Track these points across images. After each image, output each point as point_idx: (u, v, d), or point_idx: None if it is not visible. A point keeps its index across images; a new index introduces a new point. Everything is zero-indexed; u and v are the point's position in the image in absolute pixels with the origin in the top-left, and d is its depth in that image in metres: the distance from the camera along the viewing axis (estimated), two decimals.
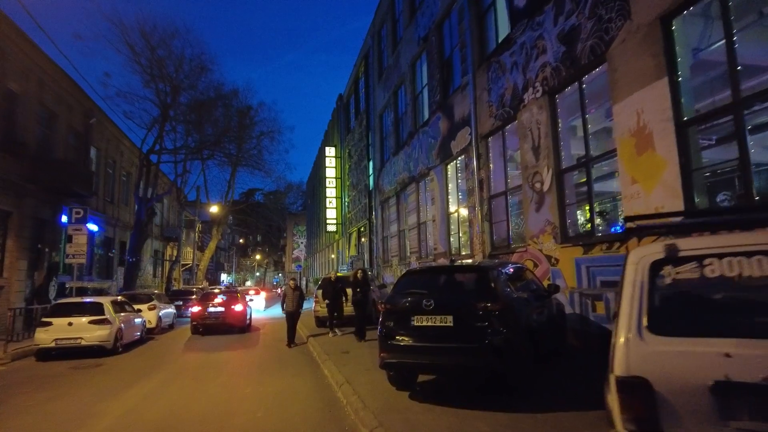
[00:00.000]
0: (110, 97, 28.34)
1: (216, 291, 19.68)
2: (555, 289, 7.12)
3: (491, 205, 12.24)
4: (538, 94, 10.06)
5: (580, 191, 9.67)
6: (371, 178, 26.58)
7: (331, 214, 35.71)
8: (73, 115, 18.70)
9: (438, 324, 5.22)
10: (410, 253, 18.82)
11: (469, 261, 11.07)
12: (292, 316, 12.40)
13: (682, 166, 6.62)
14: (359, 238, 30.45)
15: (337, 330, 12.80)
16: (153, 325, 15.59)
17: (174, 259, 32.70)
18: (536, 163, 10.13)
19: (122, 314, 12.39)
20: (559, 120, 9.74)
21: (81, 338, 10.79)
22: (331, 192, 35.67)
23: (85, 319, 11.03)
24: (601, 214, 9.22)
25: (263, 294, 37.79)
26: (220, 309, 15.62)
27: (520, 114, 10.74)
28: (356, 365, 8.17)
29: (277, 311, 28.73)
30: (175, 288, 30.19)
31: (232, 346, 12.72)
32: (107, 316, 11.29)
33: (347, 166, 33.38)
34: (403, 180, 19.59)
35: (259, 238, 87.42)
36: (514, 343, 5.10)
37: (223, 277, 69.55)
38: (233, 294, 17.31)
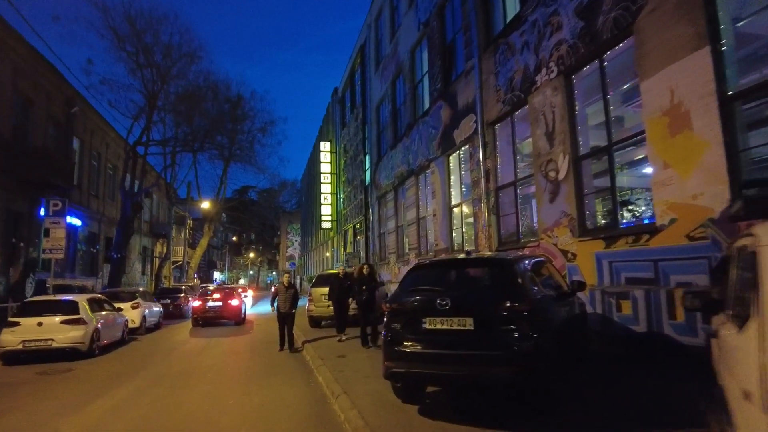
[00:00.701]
0: (94, 86, 27.30)
1: (211, 288, 21.19)
2: (579, 286, 6.27)
3: (498, 197, 11.40)
4: (553, 75, 9.23)
5: (600, 180, 8.86)
6: (367, 173, 25.70)
7: (325, 210, 34.77)
8: (52, 103, 17.65)
9: (455, 327, 4.36)
10: (409, 249, 17.98)
11: (488, 253, 10.04)
12: (285, 318, 10.91)
13: (727, 146, 5.80)
14: (355, 235, 29.57)
15: (343, 336, 11.10)
16: (136, 324, 14.66)
17: (163, 256, 31.65)
18: (550, 150, 9.31)
19: (101, 313, 11.48)
20: (576, 102, 8.92)
21: (52, 340, 9.85)
22: (325, 188, 34.71)
23: (57, 319, 10.09)
24: (624, 204, 8.42)
25: (250, 292, 37.52)
26: (219, 304, 17.08)
27: (531, 97, 9.92)
28: (354, 372, 7.31)
29: (263, 308, 27.75)
30: (165, 286, 29.17)
31: (219, 348, 11.83)
32: (82, 315, 10.37)
33: (342, 162, 32.48)
34: (401, 174, 18.74)
35: (252, 237, 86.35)
36: (545, 350, 4.26)
37: (216, 275, 68.47)
38: (230, 291, 18.56)
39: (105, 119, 22.73)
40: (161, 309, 17.76)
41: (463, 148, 13.38)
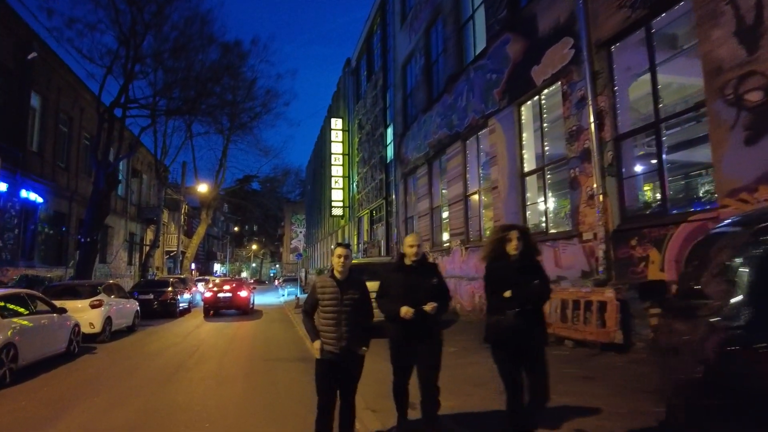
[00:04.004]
0: (57, 28, 22.99)
1: (217, 281, 22.13)
2: None
3: (620, 150, 7.62)
4: None
5: None
6: (389, 149, 21.96)
7: (336, 195, 31.07)
8: None
9: None
10: (451, 236, 14.23)
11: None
12: (335, 370, 3.68)
13: None
14: (371, 222, 25.87)
15: None
16: (96, 329, 11.00)
17: (152, 243, 27.96)
18: (749, 58, 5.53)
19: (25, 317, 7.83)
20: None
21: None
22: (337, 170, 31.00)
23: None
24: None
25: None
26: (229, 294, 17.98)
27: None
28: None
29: (260, 299, 23.82)
30: (155, 277, 25.48)
31: (203, 367, 8.14)
32: None
33: (356, 140, 28.71)
34: (439, 141, 14.97)
35: (255, 228, 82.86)
36: None
37: (216, 267, 64.76)
38: (239, 283, 19.56)
39: (78, 77, 18.91)
40: (137, 307, 14.08)
41: (546, 90, 9.60)
